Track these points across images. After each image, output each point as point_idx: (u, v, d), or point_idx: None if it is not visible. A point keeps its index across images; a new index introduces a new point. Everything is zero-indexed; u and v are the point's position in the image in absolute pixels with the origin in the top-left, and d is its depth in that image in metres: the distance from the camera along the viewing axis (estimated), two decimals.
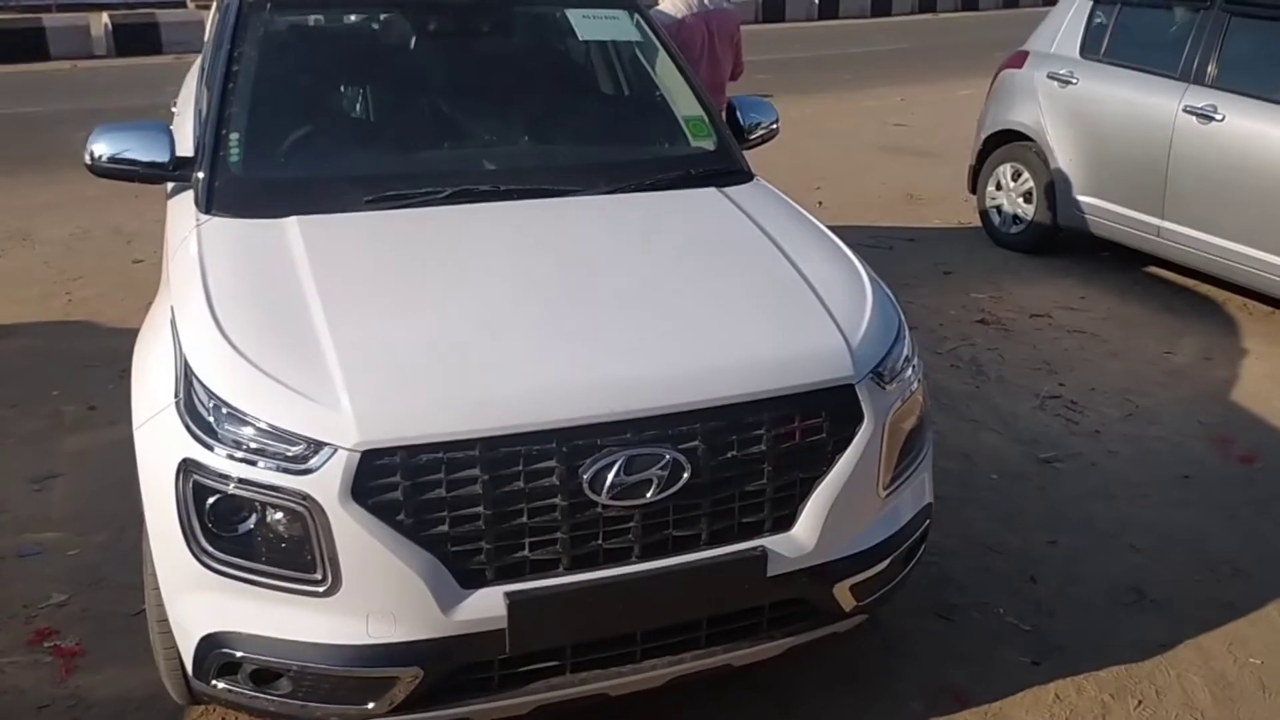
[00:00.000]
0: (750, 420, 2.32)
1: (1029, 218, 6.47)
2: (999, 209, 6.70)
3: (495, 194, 3.01)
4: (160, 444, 2.27)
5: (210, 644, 2.22)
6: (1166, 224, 5.67)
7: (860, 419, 2.41)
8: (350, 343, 2.28)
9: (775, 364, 2.40)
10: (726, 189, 3.21)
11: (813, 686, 2.90)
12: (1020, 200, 6.53)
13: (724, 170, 3.33)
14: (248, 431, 2.15)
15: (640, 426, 2.23)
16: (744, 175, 3.35)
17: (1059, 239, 6.45)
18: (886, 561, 2.54)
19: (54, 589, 3.24)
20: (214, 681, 2.26)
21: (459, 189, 2.98)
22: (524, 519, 2.18)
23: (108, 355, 4.75)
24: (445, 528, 2.14)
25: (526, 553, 2.21)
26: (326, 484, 2.08)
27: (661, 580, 2.29)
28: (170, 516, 2.20)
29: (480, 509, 2.15)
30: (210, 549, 2.17)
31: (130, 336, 2.74)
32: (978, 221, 6.93)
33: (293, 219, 2.77)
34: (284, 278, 2.52)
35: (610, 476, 2.19)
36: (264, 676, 2.23)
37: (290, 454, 2.11)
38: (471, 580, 2.18)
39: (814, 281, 2.68)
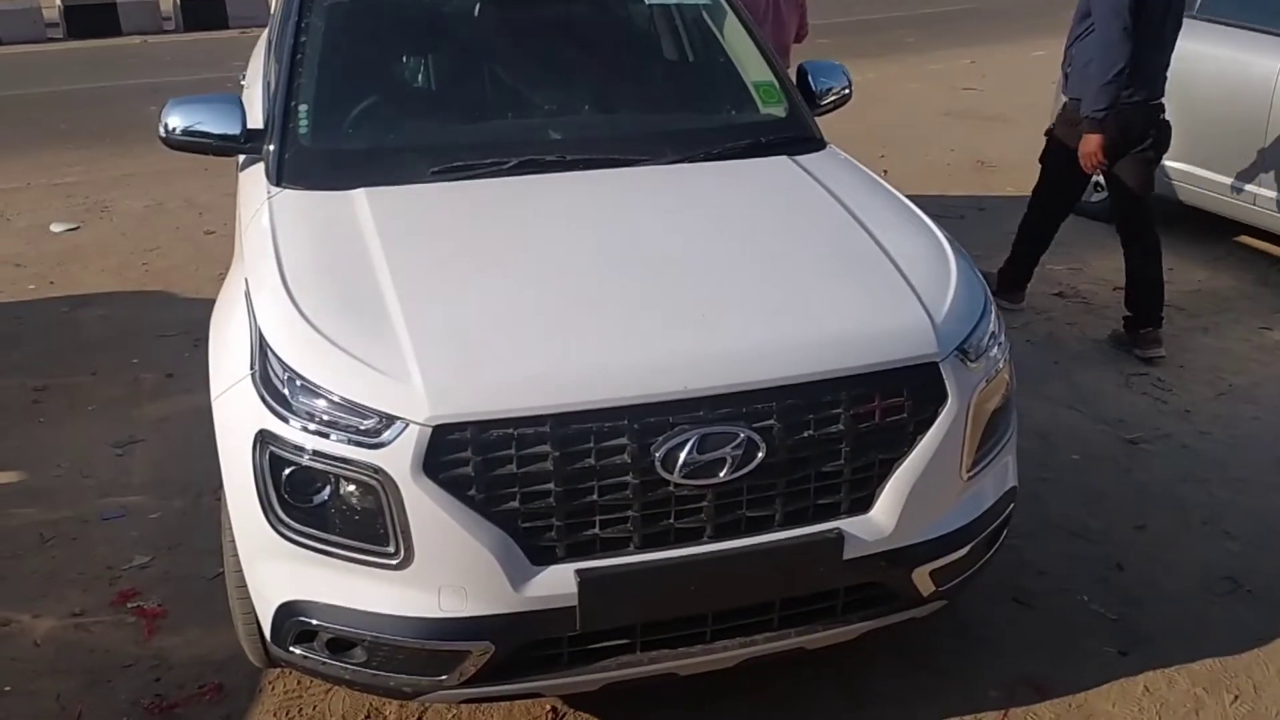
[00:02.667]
0: (828, 399, 2.29)
1: None
2: None
3: (561, 164, 3.00)
4: (237, 415, 2.31)
5: (287, 612, 2.26)
6: (1263, 191, 5.48)
7: (944, 399, 2.37)
8: (420, 316, 2.29)
9: (855, 340, 2.36)
10: (799, 157, 3.16)
11: (885, 671, 2.88)
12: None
13: (795, 138, 3.28)
14: (321, 404, 2.18)
15: (714, 404, 2.21)
16: (816, 143, 3.29)
17: None
18: (968, 547, 2.50)
19: (136, 551, 3.33)
20: (291, 648, 2.31)
21: (525, 159, 2.97)
22: (595, 497, 2.18)
23: (183, 324, 4.87)
24: (516, 504, 2.15)
25: (597, 531, 2.21)
26: (398, 458, 2.10)
27: (733, 562, 2.27)
28: (248, 486, 2.24)
29: (551, 486, 2.15)
30: (286, 519, 2.21)
31: (204, 306, 2.80)
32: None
33: (360, 191, 2.79)
34: (354, 250, 2.54)
35: (683, 455, 2.17)
36: (339, 645, 2.27)
37: (363, 427, 2.14)
38: (542, 557, 2.19)
39: (895, 254, 2.63)
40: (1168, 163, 5.90)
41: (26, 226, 6.36)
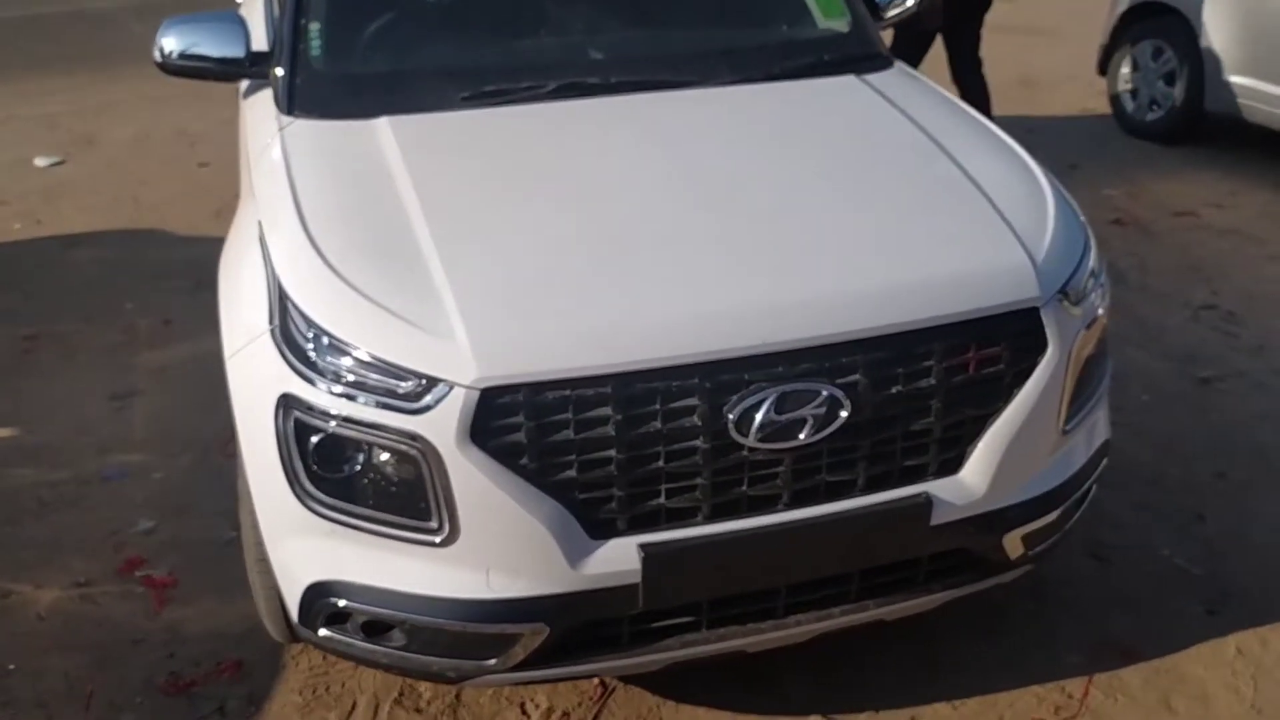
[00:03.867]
0: (919, 350, 2.09)
1: (1170, 102, 6.02)
2: (1133, 93, 6.26)
3: (605, 88, 2.77)
4: (256, 376, 2.12)
5: (317, 592, 2.09)
6: None
7: (1043, 347, 2.17)
8: (461, 262, 2.09)
9: (950, 285, 2.15)
10: (866, 76, 2.92)
11: (959, 634, 2.72)
12: (1160, 83, 6.08)
13: (861, 55, 3.04)
14: (351, 364, 1.98)
15: (794, 359, 2.02)
16: (883, 60, 3.05)
17: (1203, 126, 6.00)
18: (1061, 508, 2.32)
19: (141, 515, 3.17)
20: (321, 630, 2.14)
21: (565, 83, 2.74)
22: (661, 463, 1.99)
23: (179, 265, 4.66)
24: (573, 473, 1.96)
25: (663, 500, 2.03)
26: (441, 425, 1.91)
27: (811, 531, 2.10)
28: (270, 455, 2.05)
29: (612, 453, 1.96)
30: (315, 492, 2.03)
31: (201, 245, 2.61)
32: (1107, 108, 6.49)
33: (384, 120, 2.56)
34: (381, 188, 2.32)
35: (759, 416, 1.98)
36: (375, 628, 2.10)
37: (401, 391, 1.94)
38: (602, 530, 2.01)
39: (986, 185, 2.41)
40: (1233, 78, 5.63)
41: (9, 161, 6.12)
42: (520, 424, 1.93)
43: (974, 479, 2.17)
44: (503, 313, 1.99)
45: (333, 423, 1.97)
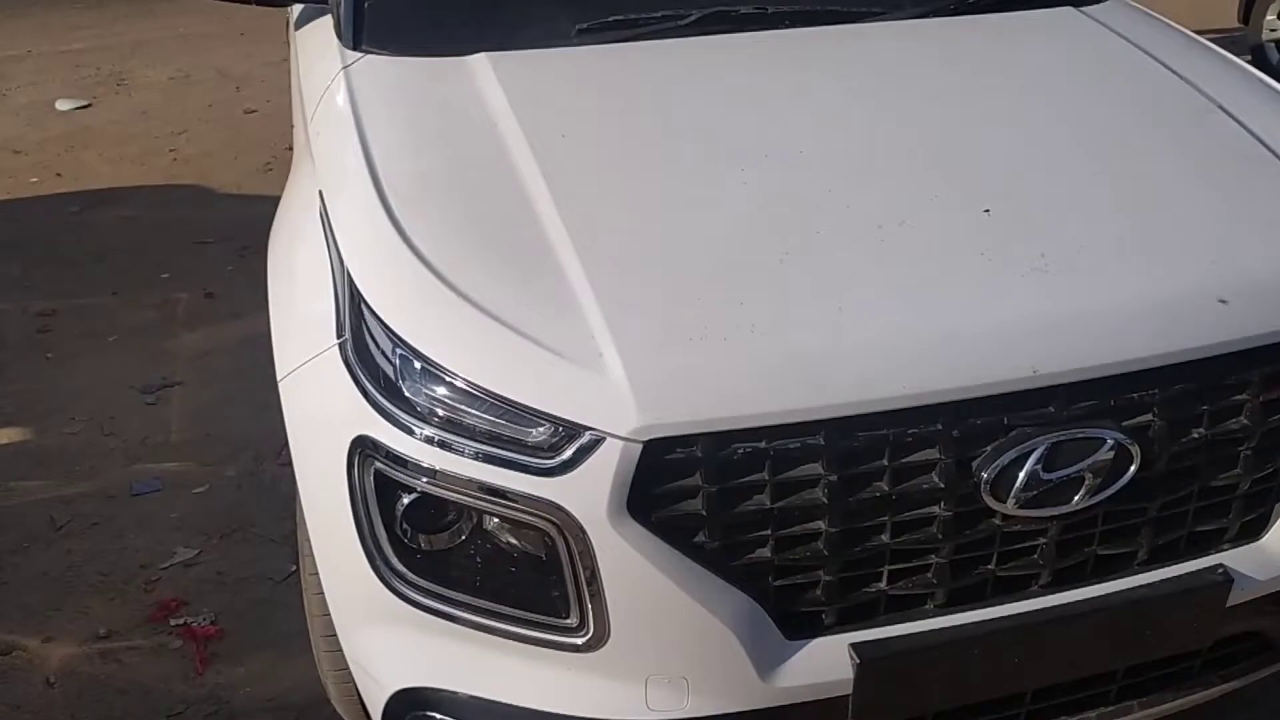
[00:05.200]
0: (1233, 380, 1.58)
1: None
2: None
3: (761, 19, 2.24)
4: (320, 408, 1.63)
5: (407, 703, 1.60)
6: None
7: None
8: (606, 260, 1.58)
9: (1269, 289, 1.61)
10: (1085, 8, 2.37)
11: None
12: None
13: None
14: (457, 399, 1.48)
15: (1071, 396, 1.51)
16: None
17: None
18: None
19: (178, 541, 2.72)
20: None
21: (709, 12, 2.20)
22: (885, 538, 1.49)
23: (223, 228, 4.20)
24: (768, 553, 1.47)
25: (883, 585, 1.54)
26: (587, 490, 1.41)
27: (1076, 621, 1.60)
28: (342, 516, 1.56)
29: (822, 525, 1.46)
30: (404, 570, 1.54)
31: (247, 204, 2.15)
32: (1247, 57, 5.89)
33: (481, 58, 2.05)
34: (485, 150, 1.82)
35: (1023, 474, 1.48)
36: None
37: (529, 441, 1.44)
38: (802, 627, 1.52)
39: None
40: None
41: (27, 103, 5.67)
42: (697, 488, 1.43)
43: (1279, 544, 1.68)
44: (671, 334, 1.48)
45: (430, 480, 1.48)
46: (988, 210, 1.70)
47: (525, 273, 1.56)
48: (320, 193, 1.84)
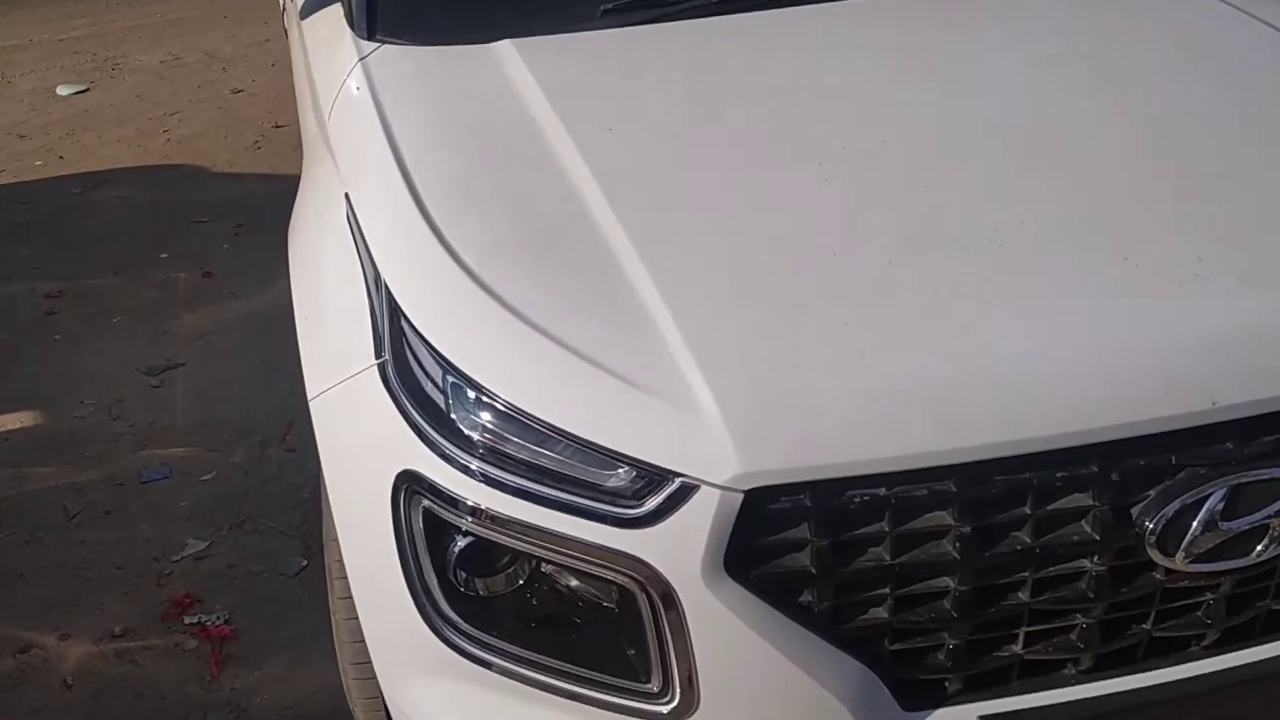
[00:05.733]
0: None
1: None
2: None
3: None
4: (357, 434, 1.29)
5: None
6: None
7: None
8: (680, 275, 1.23)
9: None
10: None
11: None
12: None
13: None
14: (520, 434, 1.13)
15: (1253, 431, 1.15)
16: None
17: None
18: None
19: (188, 531, 2.34)
20: None
21: None
22: (1024, 595, 1.16)
23: (217, 207, 3.75)
24: (884, 613, 1.14)
25: (1018, 648, 1.20)
26: (678, 544, 1.08)
27: (1246, 686, 1.25)
28: (385, 553, 1.23)
29: (950, 582, 1.14)
30: (457, 619, 1.20)
31: (239, 183, 1.78)
32: None
33: (506, 44, 1.67)
34: (525, 147, 1.45)
35: (1196, 523, 1.13)
36: None
37: (607, 486, 1.10)
38: (921, 696, 1.19)
39: None
40: None
41: (30, 90, 5.11)
42: (804, 541, 1.10)
43: None
44: (766, 360, 1.14)
45: (489, 525, 1.13)
46: (1119, 204, 1.30)
47: (588, 287, 1.22)
48: (347, 195, 1.46)
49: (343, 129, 1.61)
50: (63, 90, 5.08)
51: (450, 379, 1.18)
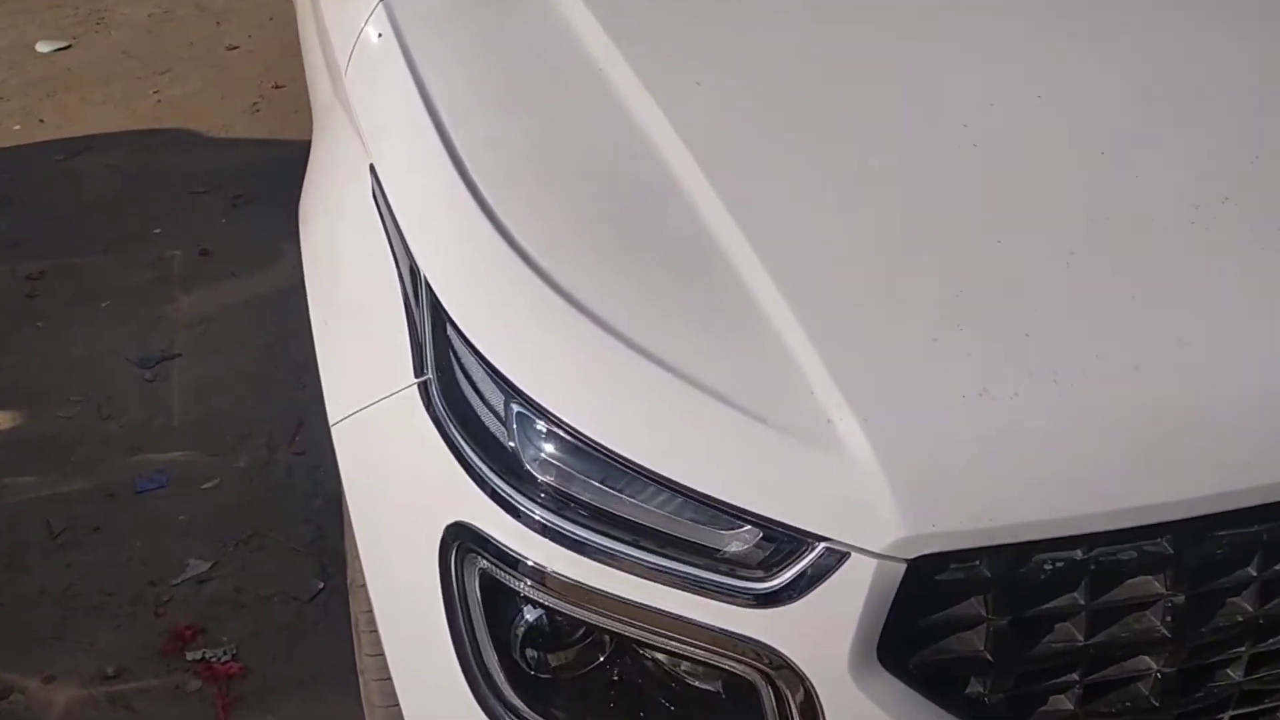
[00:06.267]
0: None
1: None
2: None
3: None
4: (392, 470, 1.05)
5: None
6: None
7: None
8: (806, 275, 0.97)
9: None
10: None
11: None
12: None
13: None
14: (608, 484, 0.90)
15: None
16: None
17: None
18: None
19: (188, 550, 2.13)
20: None
21: None
22: (1234, 674, 0.94)
23: (213, 176, 3.50)
24: (1068, 704, 0.91)
25: None
26: (819, 627, 0.86)
27: None
28: (430, 618, 1.00)
29: (1152, 663, 0.91)
30: (521, 706, 0.97)
31: (236, 149, 1.59)
32: None
33: None
34: (593, 107, 1.19)
35: None
36: None
37: (726, 552, 0.87)
38: None
39: None
40: None
41: (7, 46, 4.85)
42: (978, 619, 0.87)
43: None
44: (929, 389, 0.89)
45: (564, 595, 0.91)
46: None
47: (693, 291, 0.97)
48: (372, 168, 1.22)
49: (362, 86, 1.36)
50: (42, 47, 4.84)
51: (515, 407, 0.95)
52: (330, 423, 1.14)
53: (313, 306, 1.24)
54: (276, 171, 3.53)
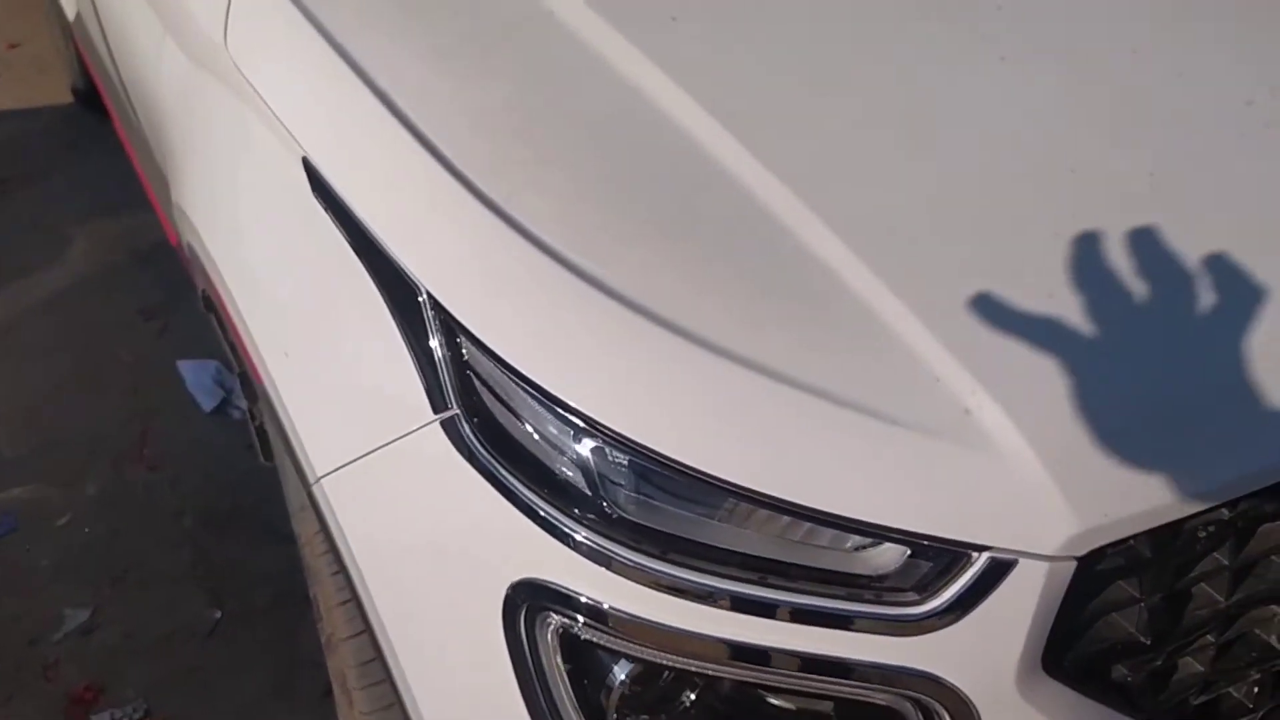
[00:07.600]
0: None
1: None
2: None
3: None
4: (420, 532, 0.91)
5: None
6: None
7: None
8: (883, 246, 0.88)
9: None
10: None
11: None
12: None
13: None
14: (720, 516, 0.81)
15: None
16: None
17: None
18: None
19: (63, 597, 1.89)
20: None
21: None
22: None
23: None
24: (1198, 666, 0.90)
25: None
26: (985, 645, 0.80)
27: None
28: (492, 693, 0.89)
29: (1278, 611, 0.91)
30: None
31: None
32: None
33: None
34: (561, 56, 1.03)
35: None
36: None
37: (872, 578, 0.79)
38: None
39: None
40: None
41: None
42: (1129, 601, 0.86)
43: None
44: (1068, 370, 0.82)
45: (672, 649, 0.82)
46: None
47: (767, 275, 0.86)
48: (306, 163, 1.02)
49: (265, 61, 1.14)
50: None
51: (586, 439, 0.82)
52: (315, 479, 0.96)
53: (259, 335, 1.05)
54: (39, 145, 3.11)
